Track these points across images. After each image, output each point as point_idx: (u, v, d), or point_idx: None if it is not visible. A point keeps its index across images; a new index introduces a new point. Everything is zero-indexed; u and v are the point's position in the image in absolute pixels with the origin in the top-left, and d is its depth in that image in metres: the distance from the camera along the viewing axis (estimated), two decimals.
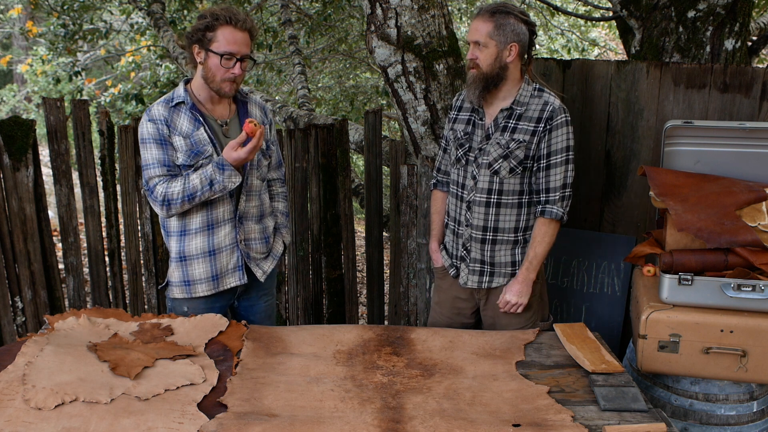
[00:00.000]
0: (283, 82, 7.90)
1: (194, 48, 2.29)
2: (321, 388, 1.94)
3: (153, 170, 2.31)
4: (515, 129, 2.38)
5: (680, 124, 2.59)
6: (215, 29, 2.24)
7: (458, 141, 2.50)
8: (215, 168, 2.27)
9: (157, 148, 2.31)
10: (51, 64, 8.19)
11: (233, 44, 2.25)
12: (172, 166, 2.32)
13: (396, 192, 3.44)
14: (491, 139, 2.41)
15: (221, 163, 2.27)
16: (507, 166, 2.39)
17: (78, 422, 1.70)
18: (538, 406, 1.86)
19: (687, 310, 2.26)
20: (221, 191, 2.31)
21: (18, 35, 10.79)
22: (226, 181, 2.28)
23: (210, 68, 2.28)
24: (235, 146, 2.26)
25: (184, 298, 2.46)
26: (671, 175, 2.50)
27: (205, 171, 2.28)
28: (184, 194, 2.28)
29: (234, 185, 2.31)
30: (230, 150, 2.27)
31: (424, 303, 3.41)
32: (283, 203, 2.70)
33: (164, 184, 2.30)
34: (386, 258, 5.14)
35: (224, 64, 2.26)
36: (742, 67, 2.75)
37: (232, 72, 2.28)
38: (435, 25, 3.12)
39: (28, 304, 3.17)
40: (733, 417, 2.35)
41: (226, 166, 2.27)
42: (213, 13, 2.25)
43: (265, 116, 2.53)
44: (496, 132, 2.41)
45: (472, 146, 2.46)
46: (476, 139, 2.45)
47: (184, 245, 2.41)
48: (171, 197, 2.29)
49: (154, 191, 2.31)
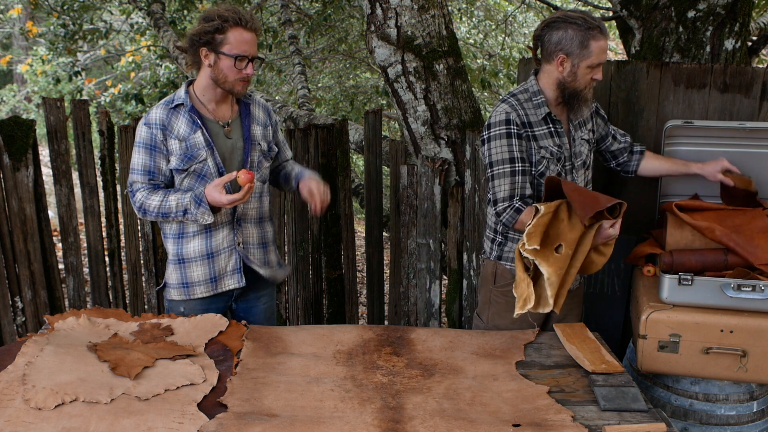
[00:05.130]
0: (283, 82, 7.90)
1: (201, 51, 2.27)
2: (321, 388, 1.94)
3: (136, 176, 2.35)
4: (585, 120, 2.47)
5: (680, 124, 2.59)
6: (225, 31, 2.23)
7: (555, 156, 2.39)
8: (192, 200, 2.28)
9: (145, 154, 2.32)
10: (51, 64, 8.19)
11: (245, 45, 2.25)
12: (156, 174, 2.34)
13: (396, 192, 3.44)
14: (576, 139, 2.44)
15: (200, 198, 2.27)
16: (590, 155, 2.52)
17: (78, 422, 1.70)
18: (538, 406, 1.86)
19: (687, 310, 2.26)
20: (192, 221, 2.33)
21: (18, 35, 10.78)
22: (198, 216, 2.29)
23: (222, 70, 2.27)
24: (220, 187, 2.24)
25: (182, 299, 2.46)
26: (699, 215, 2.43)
27: (183, 198, 2.29)
28: (159, 210, 2.31)
29: (206, 222, 2.31)
30: (213, 189, 2.25)
31: (424, 303, 3.41)
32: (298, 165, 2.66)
33: (144, 193, 2.32)
34: (386, 258, 5.14)
35: (238, 66, 2.26)
36: (742, 67, 2.75)
37: (245, 72, 2.28)
38: (435, 25, 3.12)
39: (28, 304, 3.17)
40: (733, 417, 2.35)
41: (203, 203, 2.27)
42: (221, 14, 2.23)
43: (268, 117, 2.52)
44: (577, 131, 2.44)
45: (565, 156, 2.42)
46: (565, 146, 2.42)
47: (182, 247, 2.41)
48: (147, 208, 2.33)
49: (135, 195, 2.35)
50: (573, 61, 2.27)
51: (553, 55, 2.29)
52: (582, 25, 2.24)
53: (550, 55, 2.30)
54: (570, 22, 2.25)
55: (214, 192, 2.24)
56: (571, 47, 2.26)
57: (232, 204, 2.25)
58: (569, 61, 2.28)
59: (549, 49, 2.30)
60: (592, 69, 2.28)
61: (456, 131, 3.27)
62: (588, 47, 2.25)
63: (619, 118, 2.88)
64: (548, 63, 2.33)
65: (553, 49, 2.28)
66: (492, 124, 2.35)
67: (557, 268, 2.15)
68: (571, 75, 2.29)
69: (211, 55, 2.27)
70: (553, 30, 2.28)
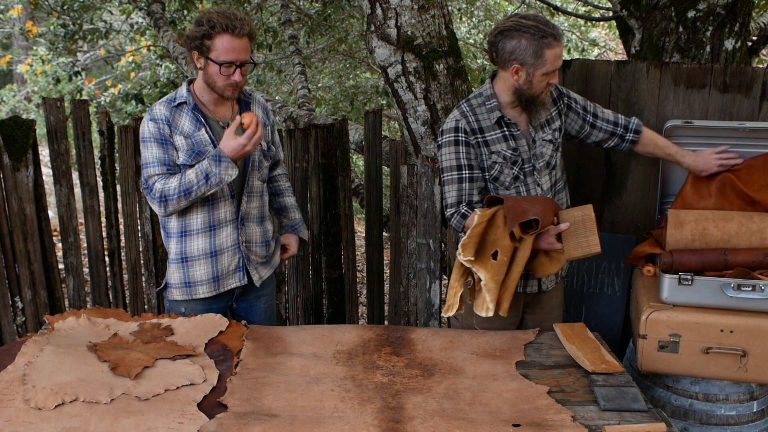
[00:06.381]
0: (283, 82, 7.90)
1: (194, 54, 2.27)
2: (321, 388, 1.94)
3: (153, 168, 2.31)
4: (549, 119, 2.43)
5: (680, 124, 2.59)
6: (213, 37, 2.21)
7: (510, 159, 2.38)
8: (211, 161, 2.24)
9: (157, 147, 2.30)
10: (51, 64, 8.19)
11: (231, 52, 2.22)
12: (171, 166, 2.32)
13: (396, 192, 3.44)
14: (537, 141, 2.41)
15: (218, 155, 2.24)
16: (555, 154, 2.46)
17: (78, 422, 1.70)
18: (538, 406, 1.86)
19: (687, 310, 2.26)
20: (217, 185, 2.26)
21: (18, 35, 10.79)
22: (222, 174, 2.24)
23: (210, 75, 2.27)
24: (232, 133, 2.23)
25: (183, 299, 2.46)
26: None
27: (201, 165, 2.26)
28: (180, 189, 2.26)
29: (230, 178, 2.26)
30: (228, 139, 2.23)
31: (424, 303, 3.41)
32: (293, 198, 2.70)
33: (161, 182, 2.29)
34: (386, 258, 5.14)
35: (224, 72, 2.24)
36: (742, 67, 2.75)
37: (232, 79, 2.26)
38: (435, 25, 3.12)
39: (28, 304, 3.18)
40: (733, 417, 2.35)
41: (223, 158, 2.23)
42: (210, 19, 2.20)
43: (267, 117, 2.52)
44: (538, 132, 2.41)
45: (523, 158, 2.40)
46: (523, 148, 2.40)
47: (185, 246, 2.41)
48: (167, 193, 2.27)
49: (153, 189, 2.30)
50: (528, 70, 2.26)
51: (508, 63, 2.28)
52: (535, 34, 2.22)
53: (505, 63, 2.29)
54: (523, 31, 2.23)
55: (229, 140, 2.23)
56: (525, 57, 2.24)
57: (251, 141, 2.22)
58: (524, 70, 2.26)
59: (503, 57, 2.29)
60: (548, 75, 2.28)
61: None
62: (542, 56, 2.23)
63: None
64: (503, 70, 2.33)
65: (508, 57, 2.27)
66: (443, 131, 2.40)
67: (494, 273, 2.22)
68: (527, 83, 2.29)
69: (201, 59, 2.27)
70: (507, 39, 2.26)
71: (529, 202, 2.27)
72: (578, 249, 2.26)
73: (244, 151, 2.25)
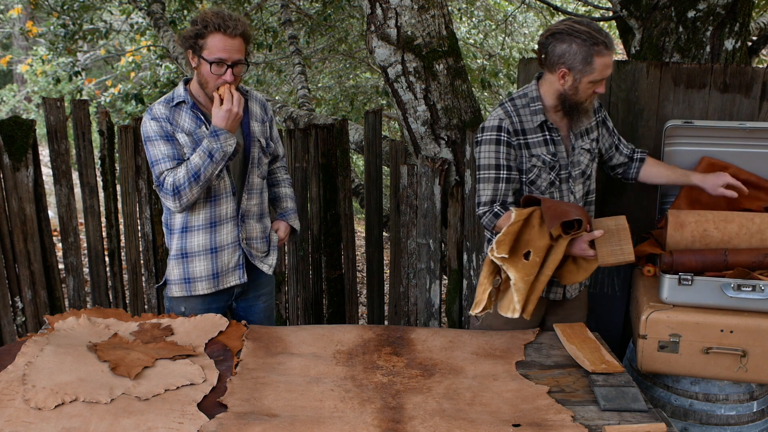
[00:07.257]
0: (283, 82, 7.90)
1: (188, 53, 2.30)
2: (321, 388, 1.94)
3: (163, 164, 2.31)
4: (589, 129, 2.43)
5: (680, 124, 2.59)
6: (205, 36, 2.24)
7: (548, 164, 2.37)
8: (209, 138, 2.27)
9: (164, 144, 2.31)
10: (51, 64, 8.19)
11: (223, 52, 2.24)
12: (181, 160, 2.33)
13: (396, 192, 3.44)
14: (576, 148, 2.40)
15: (213, 131, 2.26)
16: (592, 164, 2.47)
17: (78, 422, 1.70)
18: (538, 406, 1.86)
19: (687, 310, 2.26)
20: (223, 159, 2.27)
21: (18, 35, 10.79)
22: (224, 146, 2.26)
23: (203, 74, 2.29)
24: (216, 107, 2.26)
25: (182, 296, 2.46)
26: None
27: (201, 146, 2.28)
28: (188, 175, 2.27)
29: (232, 148, 2.28)
30: (214, 112, 2.27)
31: (424, 303, 3.41)
32: (290, 189, 2.70)
33: (172, 175, 2.30)
34: (386, 258, 5.14)
35: (215, 71, 2.26)
36: (742, 67, 2.75)
37: (223, 78, 2.27)
38: (435, 25, 3.12)
39: (28, 304, 3.18)
40: (733, 417, 2.35)
41: (219, 131, 2.26)
42: (204, 19, 2.24)
43: (265, 113, 2.54)
44: (577, 140, 2.40)
45: (560, 164, 2.38)
46: (561, 155, 2.38)
47: (186, 242, 2.42)
48: (178, 183, 2.28)
49: (164, 184, 2.30)
50: (575, 76, 2.23)
51: (556, 66, 2.25)
52: (587, 40, 2.18)
53: (553, 66, 2.26)
54: (575, 36, 2.19)
55: (216, 112, 2.26)
56: (573, 62, 2.21)
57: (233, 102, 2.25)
58: (571, 75, 2.23)
59: (552, 60, 2.25)
60: (595, 84, 2.25)
61: (456, 131, 3.28)
62: (591, 63, 2.20)
63: (619, 118, 2.88)
64: (550, 73, 2.29)
65: (556, 61, 2.24)
66: (485, 128, 2.36)
67: (525, 274, 2.19)
68: (573, 89, 2.26)
69: (195, 58, 2.29)
70: (557, 42, 2.22)
71: (566, 205, 2.25)
72: (612, 256, 2.24)
73: (234, 114, 2.27)
